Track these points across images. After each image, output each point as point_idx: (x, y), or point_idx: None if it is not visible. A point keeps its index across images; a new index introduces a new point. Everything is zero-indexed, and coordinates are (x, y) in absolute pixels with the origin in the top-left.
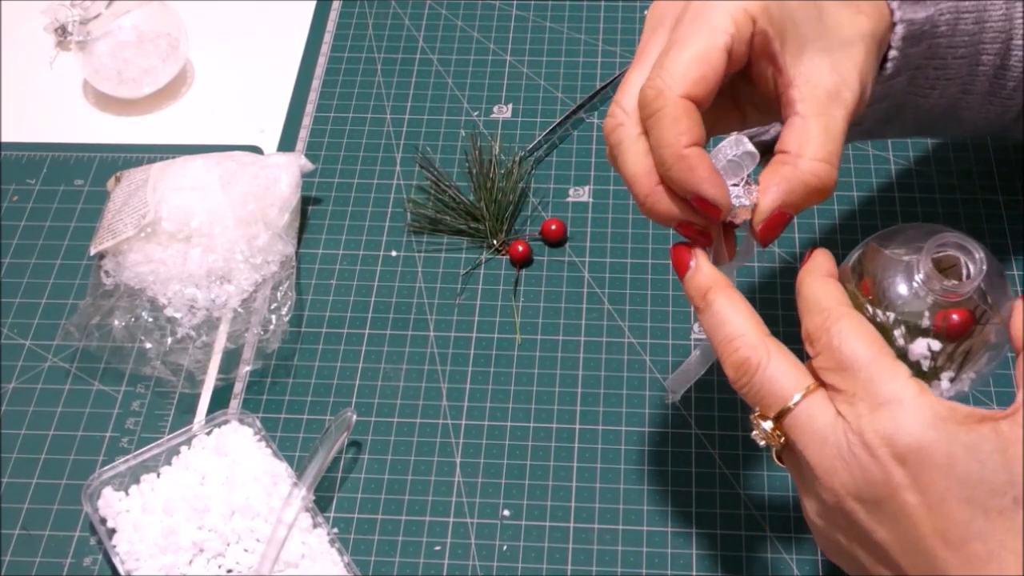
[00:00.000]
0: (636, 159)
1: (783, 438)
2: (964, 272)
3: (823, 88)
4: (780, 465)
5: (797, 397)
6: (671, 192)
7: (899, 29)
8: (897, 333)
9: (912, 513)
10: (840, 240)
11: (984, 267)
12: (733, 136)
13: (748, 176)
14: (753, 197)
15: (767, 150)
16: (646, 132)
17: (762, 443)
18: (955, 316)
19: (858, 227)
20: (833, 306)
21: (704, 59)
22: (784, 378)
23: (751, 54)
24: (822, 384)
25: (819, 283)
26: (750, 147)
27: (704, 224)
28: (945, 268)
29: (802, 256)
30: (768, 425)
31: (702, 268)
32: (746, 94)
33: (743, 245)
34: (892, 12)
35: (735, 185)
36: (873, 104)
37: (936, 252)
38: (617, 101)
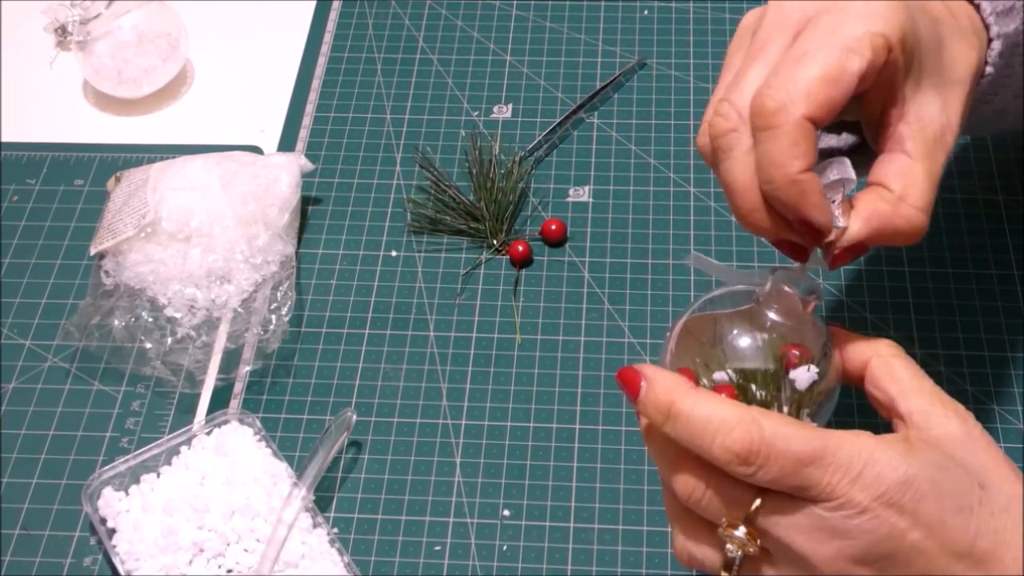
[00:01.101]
0: (745, 170)
1: (758, 541)
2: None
3: (932, 130)
4: None
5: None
6: (769, 207)
7: (996, 45)
8: (755, 388)
9: (922, 547)
10: None
11: (804, 264)
12: (836, 158)
13: (843, 196)
14: (847, 219)
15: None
16: (755, 139)
17: (739, 552)
18: (795, 351)
19: None
20: (741, 415)
21: (835, 81)
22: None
23: (875, 80)
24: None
25: (692, 401)
26: (852, 173)
27: (804, 242)
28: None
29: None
30: (741, 532)
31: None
32: None
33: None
34: (988, 28)
35: (832, 202)
36: None
37: (773, 283)
38: (731, 100)
